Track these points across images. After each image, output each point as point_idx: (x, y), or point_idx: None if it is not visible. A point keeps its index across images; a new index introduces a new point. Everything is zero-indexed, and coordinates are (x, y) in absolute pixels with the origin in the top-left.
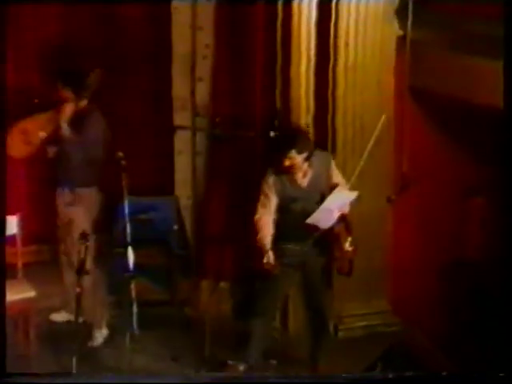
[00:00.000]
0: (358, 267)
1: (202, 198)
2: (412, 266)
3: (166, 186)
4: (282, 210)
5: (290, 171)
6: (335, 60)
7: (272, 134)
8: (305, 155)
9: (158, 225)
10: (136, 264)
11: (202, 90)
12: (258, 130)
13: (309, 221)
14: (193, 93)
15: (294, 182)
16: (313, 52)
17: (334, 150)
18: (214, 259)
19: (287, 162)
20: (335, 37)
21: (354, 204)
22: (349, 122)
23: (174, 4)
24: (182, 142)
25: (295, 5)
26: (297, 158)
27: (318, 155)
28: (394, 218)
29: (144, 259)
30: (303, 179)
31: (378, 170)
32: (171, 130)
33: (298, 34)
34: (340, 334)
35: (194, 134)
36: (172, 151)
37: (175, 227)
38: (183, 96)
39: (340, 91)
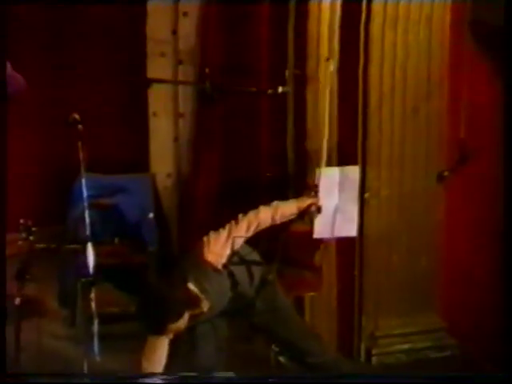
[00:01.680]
0: (398, 270)
1: (186, 175)
2: (471, 268)
3: (138, 160)
4: None
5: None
6: None
7: (281, 89)
8: None
9: (127, 212)
10: (97, 266)
11: (187, 29)
12: (262, 83)
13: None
14: (174, 32)
15: None
16: None
17: (365, 109)
18: None
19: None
20: None
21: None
22: (386, 70)
23: None
24: (159, 100)
25: None
26: None
27: None
28: (446, 204)
29: (108, 259)
30: None
31: (424, 136)
32: (145, 83)
33: None
34: (374, 359)
35: (175, 90)
36: (146, 113)
37: (151, 215)
38: (161, 37)
39: (376, 24)
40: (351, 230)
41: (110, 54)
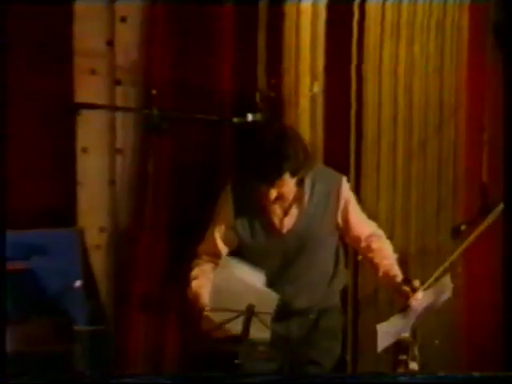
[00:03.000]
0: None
1: (126, 230)
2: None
3: (61, 210)
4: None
5: (268, 207)
6: None
7: (250, 117)
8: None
9: (46, 280)
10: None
11: (127, 38)
12: (226, 109)
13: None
14: (110, 43)
15: (269, 223)
16: None
17: (358, 144)
18: (149, 340)
19: (274, 194)
20: None
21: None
22: (385, 92)
23: None
24: (90, 132)
25: None
26: (287, 184)
27: (320, 176)
28: (465, 263)
29: (21, 343)
30: (285, 219)
31: (435, 179)
32: (71, 110)
33: None
34: None
35: (111, 118)
36: (73, 149)
37: (78, 284)
38: (93, 50)
39: (372, 32)
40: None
41: (26, 72)
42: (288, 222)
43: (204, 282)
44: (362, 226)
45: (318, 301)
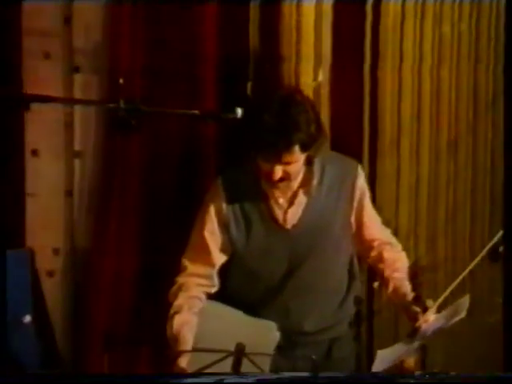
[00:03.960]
0: None
1: (85, 251)
2: None
3: (6, 227)
4: (239, 274)
5: (270, 196)
6: None
7: (239, 112)
8: (306, 155)
9: None
10: None
11: (87, 16)
12: (209, 102)
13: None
14: (67, 20)
15: (270, 217)
16: None
17: (374, 142)
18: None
19: (279, 172)
20: None
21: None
22: (406, 86)
23: None
24: (42, 130)
25: None
26: (296, 160)
27: (331, 159)
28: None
29: None
30: (289, 211)
31: (468, 186)
32: (19, 104)
33: None
34: None
35: (69, 114)
36: (21, 151)
37: (27, 319)
38: (47, 29)
39: (392, 11)
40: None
41: None
42: (293, 215)
43: (188, 317)
44: (376, 229)
45: (330, 323)
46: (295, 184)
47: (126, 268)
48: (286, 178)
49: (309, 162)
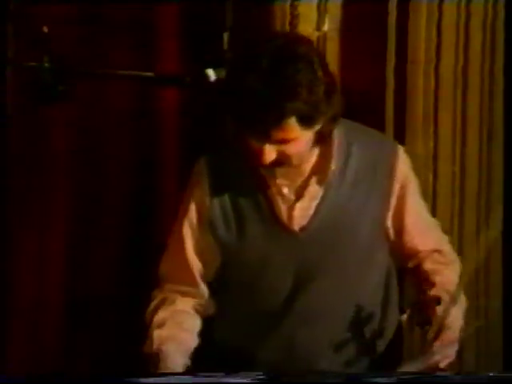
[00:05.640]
0: None
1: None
2: None
3: None
4: (228, 294)
5: (270, 185)
6: None
7: (212, 75)
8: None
9: None
10: None
11: None
12: (169, 62)
13: None
14: None
15: (271, 216)
16: None
17: (400, 119)
18: None
19: (271, 153)
20: None
21: None
22: (447, 37)
23: None
24: None
25: None
26: (295, 136)
27: (360, 136)
28: None
29: None
30: (296, 207)
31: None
32: None
33: None
34: None
35: None
36: None
37: None
38: None
39: None
40: None
41: None
42: (303, 211)
43: (175, 331)
44: (423, 236)
45: (352, 361)
46: (307, 167)
47: (49, 294)
48: (284, 161)
49: (321, 139)
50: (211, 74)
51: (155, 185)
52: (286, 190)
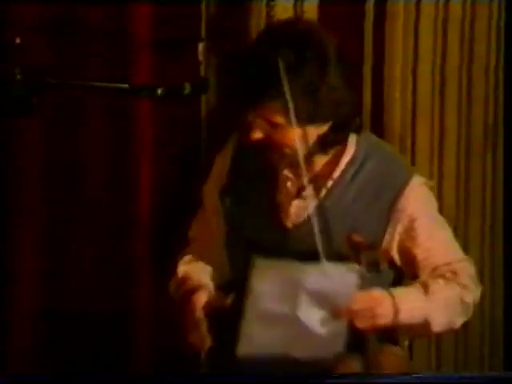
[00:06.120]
0: None
1: None
2: None
3: None
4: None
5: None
6: None
7: (187, 88)
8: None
9: None
10: None
11: None
12: (143, 74)
13: None
14: None
15: (272, 198)
16: None
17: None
18: None
19: (256, 131)
20: None
21: None
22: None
23: None
24: None
25: None
26: (283, 130)
27: (375, 154)
28: None
29: None
30: (293, 202)
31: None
32: None
33: None
34: None
35: None
36: None
37: None
38: None
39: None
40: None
41: None
42: (298, 209)
43: (206, 280)
44: (437, 268)
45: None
46: (314, 168)
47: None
48: (272, 145)
49: (326, 146)
50: (186, 86)
51: (130, 198)
52: (289, 184)
